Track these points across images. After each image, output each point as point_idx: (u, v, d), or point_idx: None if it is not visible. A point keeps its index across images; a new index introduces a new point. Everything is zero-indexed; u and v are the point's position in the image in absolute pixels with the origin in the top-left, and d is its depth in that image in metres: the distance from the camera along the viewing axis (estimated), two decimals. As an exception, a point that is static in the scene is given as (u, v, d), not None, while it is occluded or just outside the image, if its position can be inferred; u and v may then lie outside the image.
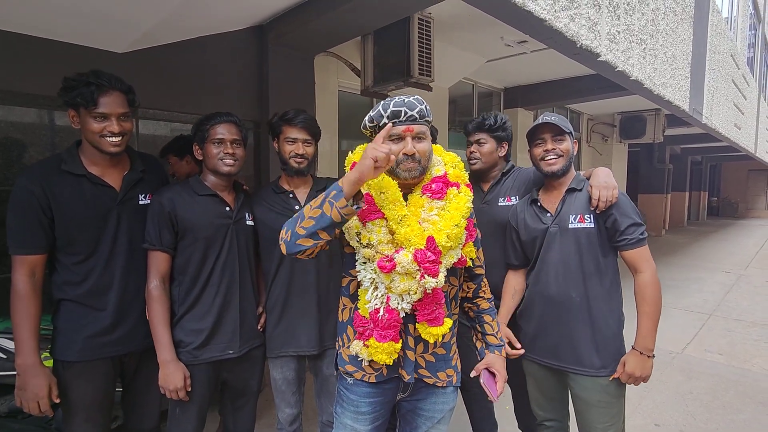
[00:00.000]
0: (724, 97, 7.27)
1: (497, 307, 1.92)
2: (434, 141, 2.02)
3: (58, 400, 1.53)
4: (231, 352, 1.77)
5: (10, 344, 1.92)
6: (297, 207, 1.85)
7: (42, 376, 1.49)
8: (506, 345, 1.81)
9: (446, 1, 2.54)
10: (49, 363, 1.57)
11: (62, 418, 1.64)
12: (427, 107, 1.35)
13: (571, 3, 2.64)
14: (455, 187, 1.39)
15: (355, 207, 1.24)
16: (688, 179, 15.33)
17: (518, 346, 1.83)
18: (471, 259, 1.48)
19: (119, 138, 1.55)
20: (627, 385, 1.71)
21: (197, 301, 1.73)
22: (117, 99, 1.53)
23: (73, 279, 1.58)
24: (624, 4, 3.34)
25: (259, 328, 1.87)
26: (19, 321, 1.48)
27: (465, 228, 1.36)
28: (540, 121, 1.73)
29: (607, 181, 1.66)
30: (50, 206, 1.51)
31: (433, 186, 1.36)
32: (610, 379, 1.66)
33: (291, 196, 1.87)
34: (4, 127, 2.46)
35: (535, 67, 5.31)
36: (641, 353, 1.63)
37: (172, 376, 1.63)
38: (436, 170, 1.41)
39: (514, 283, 1.90)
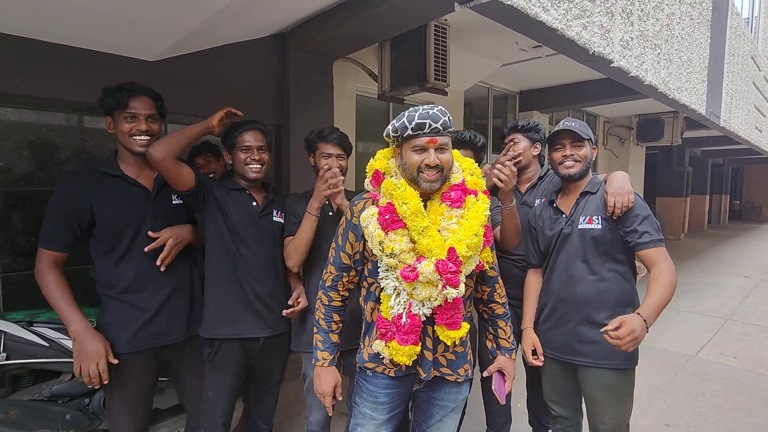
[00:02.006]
0: (743, 99, 7.16)
1: (520, 307, 1.99)
2: (482, 151, 2.11)
3: (115, 361, 1.63)
4: (256, 335, 1.89)
5: (52, 333, 2.07)
6: (330, 213, 1.97)
7: (96, 337, 1.61)
8: (528, 353, 1.87)
9: (461, 9, 2.62)
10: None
11: (102, 406, 1.75)
12: (450, 118, 1.39)
13: (584, 12, 2.70)
14: (473, 195, 1.43)
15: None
16: (708, 182, 14.98)
17: (541, 358, 1.86)
18: (487, 263, 1.53)
19: (147, 138, 1.70)
20: (635, 384, 1.77)
21: (221, 286, 1.86)
22: (145, 102, 1.71)
23: (112, 277, 1.70)
24: (638, 10, 3.37)
25: (284, 314, 1.94)
26: (55, 297, 1.61)
27: (483, 235, 1.40)
28: (560, 127, 1.78)
29: (621, 187, 1.68)
30: (91, 206, 1.64)
31: (452, 194, 1.41)
32: (602, 330, 1.47)
33: (327, 203, 2.00)
34: (45, 132, 2.63)
35: (550, 70, 5.34)
36: (644, 319, 1.47)
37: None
38: (455, 177, 1.45)
39: (537, 284, 1.95)
